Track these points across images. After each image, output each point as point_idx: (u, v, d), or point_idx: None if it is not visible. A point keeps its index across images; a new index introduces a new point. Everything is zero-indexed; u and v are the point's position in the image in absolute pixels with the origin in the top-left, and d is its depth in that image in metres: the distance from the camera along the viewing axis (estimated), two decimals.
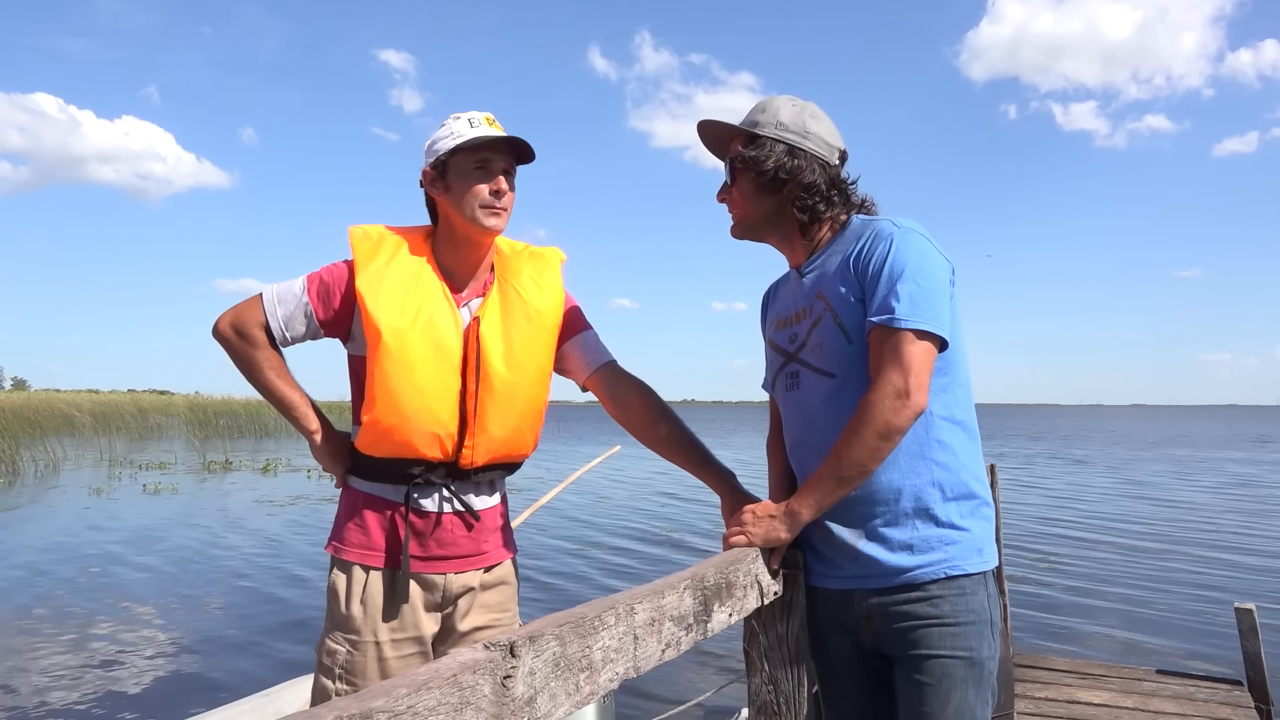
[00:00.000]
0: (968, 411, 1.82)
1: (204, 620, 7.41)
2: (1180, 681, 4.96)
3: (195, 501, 15.68)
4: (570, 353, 2.11)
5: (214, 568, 9.66)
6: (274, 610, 7.76)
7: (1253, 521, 13.83)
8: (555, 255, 2.14)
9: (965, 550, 1.74)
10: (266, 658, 6.38)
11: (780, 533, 1.76)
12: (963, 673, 1.70)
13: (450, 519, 1.99)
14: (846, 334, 1.75)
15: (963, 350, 1.79)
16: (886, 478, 1.73)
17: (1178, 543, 11.75)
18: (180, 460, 24.28)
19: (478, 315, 1.98)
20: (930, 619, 1.71)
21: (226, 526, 12.66)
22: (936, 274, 1.71)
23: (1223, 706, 4.57)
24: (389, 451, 1.93)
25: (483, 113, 1.98)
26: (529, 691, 1.09)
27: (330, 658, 1.93)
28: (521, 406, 2.00)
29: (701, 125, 1.91)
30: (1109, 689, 4.82)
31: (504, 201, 1.97)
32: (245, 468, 22.21)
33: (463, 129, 1.95)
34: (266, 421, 39.84)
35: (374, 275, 1.93)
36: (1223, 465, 26.46)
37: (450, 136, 1.95)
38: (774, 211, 1.85)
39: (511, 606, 2.10)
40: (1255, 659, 4.97)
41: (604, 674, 1.26)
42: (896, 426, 1.66)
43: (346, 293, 1.96)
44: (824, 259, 1.84)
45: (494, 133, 1.94)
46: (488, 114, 1.98)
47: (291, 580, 8.99)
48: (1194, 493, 18.47)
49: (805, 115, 1.83)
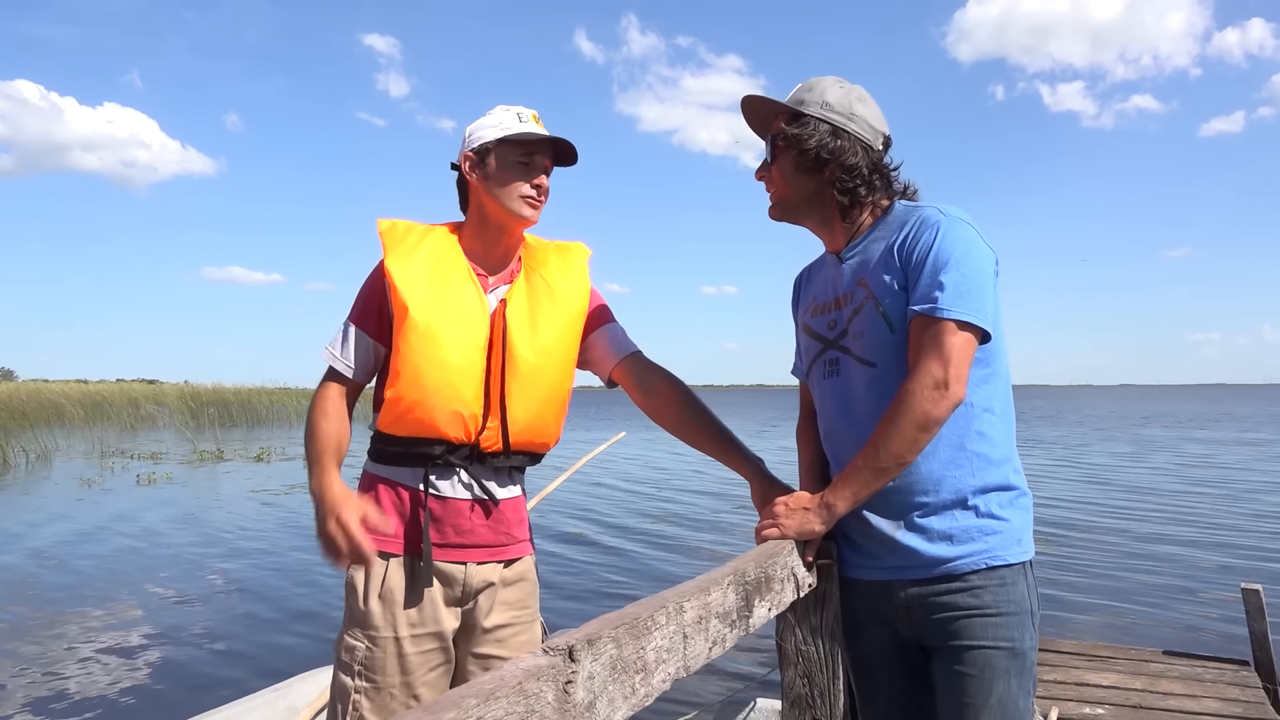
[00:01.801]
0: (1007, 403, 1.79)
1: (207, 613, 7.36)
2: (1187, 662, 4.97)
3: (190, 491, 15.60)
4: (596, 343, 2.11)
5: (213, 559, 9.59)
6: (278, 601, 7.70)
7: (1244, 504, 13.90)
8: (582, 250, 2.16)
9: (1006, 540, 1.72)
10: (274, 650, 6.34)
11: (815, 525, 1.73)
12: (1005, 663, 1.68)
13: (469, 505, 1.97)
14: (889, 323, 1.72)
15: (1003, 342, 1.76)
16: (927, 468, 1.71)
17: (1177, 523, 11.80)
18: (172, 450, 24.17)
19: (505, 299, 1.99)
20: (972, 609, 1.69)
21: (223, 516, 12.59)
22: (982, 264, 1.68)
23: (1230, 687, 4.57)
24: (410, 429, 1.91)
25: (530, 109, 2.01)
26: (589, 696, 1.06)
27: (349, 654, 1.91)
28: (545, 391, 1.99)
29: (746, 101, 1.88)
30: (1117, 670, 4.83)
31: (542, 197, 2.00)
32: (238, 456, 22.11)
33: (510, 122, 1.97)
34: (259, 410, 39.75)
35: (402, 255, 1.95)
36: (1219, 445, 26.60)
37: (497, 127, 1.97)
38: (814, 193, 1.82)
39: (532, 604, 2.07)
40: (1262, 639, 4.99)
41: (657, 675, 1.23)
42: (935, 417, 1.63)
43: (382, 292, 1.97)
44: (865, 245, 1.81)
45: (541, 131, 1.97)
46: (534, 111, 2.01)
47: (293, 571, 8.94)
48: (1192, 472, 18.57)
49: (852, 97, 1.80)
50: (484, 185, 1.98)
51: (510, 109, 2.01)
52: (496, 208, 1.98)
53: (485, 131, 1.98)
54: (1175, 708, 4.32)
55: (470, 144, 2.00)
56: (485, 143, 1.97)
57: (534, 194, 1.98)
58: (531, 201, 1.98)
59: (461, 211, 2.09)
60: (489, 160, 1.97)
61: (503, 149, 1.97)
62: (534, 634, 2.04)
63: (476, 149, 1.99)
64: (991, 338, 1.70)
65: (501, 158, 1.97)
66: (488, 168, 1.97)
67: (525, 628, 2.03)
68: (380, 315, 1.98)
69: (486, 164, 1.97)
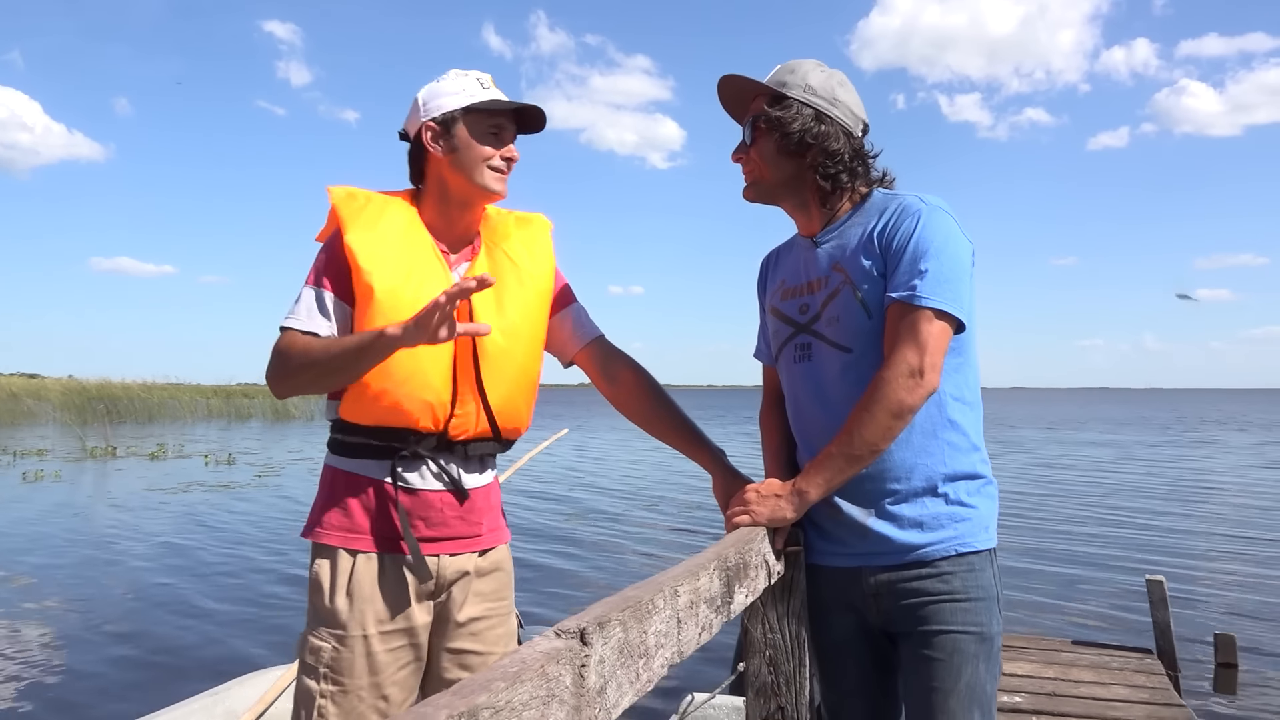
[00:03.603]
0: (976, 393, 1.82)
1: (117, 617, 6.98)
2: (1096, 651, 5.17)
3: (82, 489, 14.87)
4: (561, 325, 2.02)
5: (113, 559, 9.13)
6: (196, 606, 7.39)
7: (1150, 499, 14.56)
8: (544, 222, 2.06)
9: (974, 527, 1.74)
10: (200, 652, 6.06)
11: (786, 512, 1.72)
12: (974, 648, 1.70)
13: (439, 496, 1.86)
14: (867, 309, 1.72)
15: (975, 333, 1.78)
16: (900, 456, 1.72)
17: (1077, 520, 12.26)
18: (58, 446, 23.02)
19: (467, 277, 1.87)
20: (941, 595, 1.71)
21: (122, 515, 12.01)
22: (961, 255, 1.70)
23: (1137, 674, 4.77)
24: (376, 419, 1.79)
25: (486, 74, 1.90)
26: (600, 681, 1.02)
27: (314, 655, 1.78)
28: (515, 375, 1.89)
29: (725, 80, 1.84)
30: (1030, 660, 4.99)
31: (509, 168, 1.90)
32: (131, 454, 21.20)
33: (473, 89, 1.85)
34: (150, 405, 38.23)
35: (363, 231, 1.81)
36: (1117, 445, 27.81)
37: (460, 94, 1.85)
38: (793, 176, 1.80)
39: (508, 595, 1.99)
40: (1165, 628, 5.22)
41: (657, 660, 1.20)
42: (909, 405, 1.64)
43: (345, 262, 1.81)
44: (842, 230, 1.81)
45: (505, 98, 1.87)
46: (490, 75, 1.90)
47: (201, 572, 8.58)
48: (1092, 470, 19.37)
49: (834, 82, 1.79)
50: (449, 158, 1.85)
51: (468, 74, 1.88)
52: (462, 182, 1.86)
53: (447, 99, 1.85)
54: (1087, 695, 4.48)
55: (429, 112, 1.85)
56: (450, 111, 1.84)
57: (504, 166, 1.87)
58: (501, 175, 1.87)
59: (413, 183, 1.95)
60: (455, 130, 1.84)
61: (471, 119, 1.84)
62: (510, 626, 1.96)
63: (440, 118, 1.84)
64: (965, 328, 1.71)
65: (471, 127, 1.84)
66: (454, 138, 1.84)
67: (501, 620, 1.94)
68: (348, 285, 1.81)
69: (453, 134, 1.84)
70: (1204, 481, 17.43)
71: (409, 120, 1.91)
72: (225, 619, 6.86)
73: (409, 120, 1.91)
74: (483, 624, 1.90)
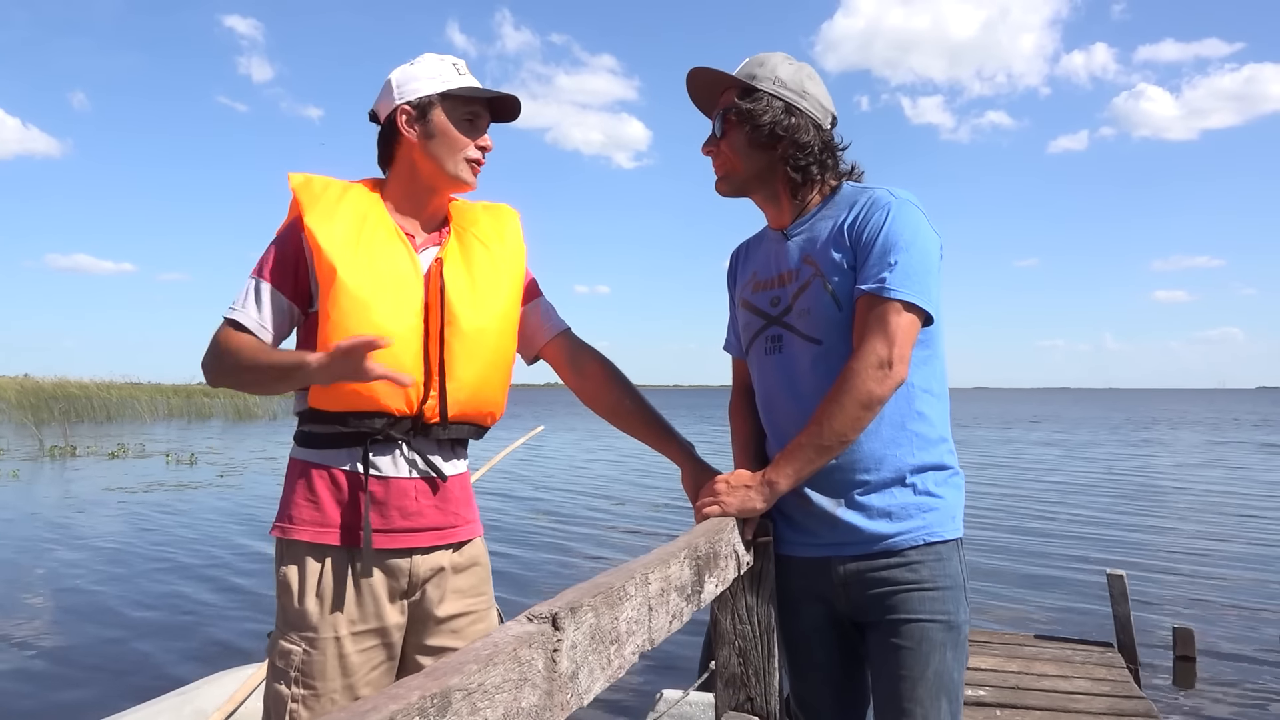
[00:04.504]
0: (943, 385, 1.84)
1: (82, 618, 6.86)
2: (1058, 645, 5.24)
3: (41, 489, 14.63)
4: (529, 317, 2.00)
5: (80, 560, 8.96)
6: (161, 604, 7.27)
7: (1106, 496, 14.78)
8: (511, 212, 2.03)
9: (942, 517, 1.76)
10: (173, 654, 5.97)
11: (756, 503, 1.73)
12: (941, 636, 1.71)
13: (413, 485, 1.81)
14: (837, 301, 1.74)
15: (942, 325, 1.79)
16: (869, 447, 1.73)
17: (1037, 516, 12.42)
18: (14, 446, 22.59)
19: (440, 258, 1.84)
20: (910, 584, 1.72)
21: (85, 514, 11.83)
22: (929, 248, 1.71)
23: (1098, 668, 4.85)
24: (346, 404, 1.74)
25: (461, 59, 1.87)
26: (572, 666, 1.02)
27: (284, 659, 1.74)
28: (490, 355, 1.85)
29: (694, 72, 1.84)
30: (993, 654, 5.05)
31: (483, 159, 1.88)
32: (91, 454, 20.84)
33: (449, 74, 1.82)
34: (108, 405, 37.60)
35: (323, 214, 1.77)
36: (1082, 442, 28.21)
37: (436, 79, 1.82)
38: (764, 168, 1.81)
39: (487, 590, 1.95)
40: (1125, 622, 5.30)
41: (628, 646, 1.20)
42: (879, 396, 1.66)
43: (299, 251, 1.78)
44: (812, 223, 1.82)
45: (480, 85, 1.84)
46: (464, 61, 1.87)
47: (176, 569, 8.48)
48: (1073, 468, 19.63)
49: (803, 75, 1.80)
50: (423, 144, 1.82)
51: (444, 59, 1.86)
52: (433, 169, 1.83)
53: (423, 84, 1.82)
54: (1050, 688, 4.54)
55: (404, 95, 1.82)
56: (426, 95, 1.81)
57: (479, 156, 1.86)
58: (475, 165, 1.86)
59: (381, 168, 1.92)
60: (432, 116, 1.81)
61: (447, 105, 1.82)
62: (491, 621, 1.92)
63: (416, 102, 1.81)
64: (934, 321, 1.73)
65: (447, 114, 1.82)
66: (430, 124, 1.81)
67: (481, 615, 1.90)
68: (298, 276, 1.79)
69: (429, 119, 1.81)
70: (1157, 479, 17.74)
71: (380, 101, 1.88)
72: (198, 616, 6.77)
73: (380, 101, 1.88)
74: (464, 620, 1.87)
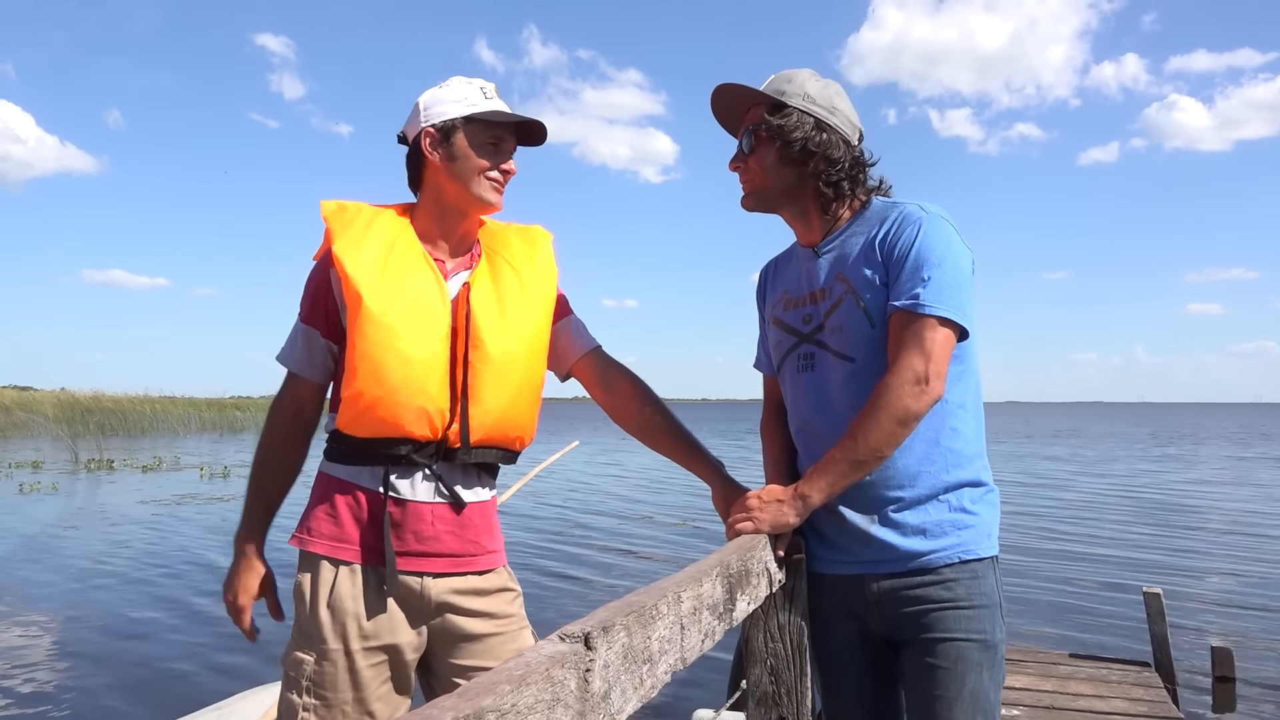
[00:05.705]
0: (978, 400, 1.82)
1: (120, 631, 6.92)
2: (1093, 664, 5.15)
3: (78, 501, 14.84)
4: (559, 335, 2.00)
5: (118, 573, 9.05)
6: (198, 619, 7.30)
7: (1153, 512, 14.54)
8: (544, 233, 2.04)
9: (978, 535, 1.74)
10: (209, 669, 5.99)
11: (789, 518, 1.71)
12: (978, 655, 1.69)
13: (430, 509, 1.81)
14: (870, 318, 1.72)
15: (976, 340, 1.77)
16: (903, 463, 1.71)
17: (1076, 536, 12.23)
18: (52, 459, 22.95)
19: (468, 283, 1.85)
20: (945, 602, 1.70)
21: (122, 527, 11.97)
22: (962, 263, 1.70)
23: (1135, 688, 4.76)
24: (372, 430, 1.76)
25: (490, 83, 1.89)
26: (604, 686, 1.01)
27: (296, 670, 1.76)
28: (518, 380, 1.85)
29: (720, 89, 1.83)
30: (1028, 673, 4.97)
31: (506, 181, 1.88)
32: (126, 466, 21.13)
33: (475, 98, 1.84)
34: (142, 419, 38.11)
35: (351, 240, 1.79)
36: (1115, 461, 27.79)
37: (462, 102, 1.83)
38: (794, 185, 1.80)
39: (517, 610, 1.93)
40: (1162, 641, 5.20)
41: (661, 666, 1.19)
42: (915, 412, 1.64)
43: (327, 284, 1.83)
44: (843, 240, 1.81)
45: (508, 109, 1.86)
46: (494, 84, 1.89)
47: (209, 584, 8.53)
48: (1088, 484, 19.34)
49: (831, 91, 1.80)
50: (447, 166, 1.83)
51: (472, 82, 1.87)
52: (459, 191, 1.84)
53: (449, 107, 1.83)
54: (1085, 708, 4.47)
55: (430, 118, 1.84)
56: (450, 119, 1.82)
57: (500, 179, 1.86)
58: (498, 186, 1.86)
59: (411, 190, 1.94)
60: (455, 139, 1.83)
61: (471, 128, 1.83)
62: (525, 641, 1.90)
63: (440, 125, 1.83)
64: (968, 335, 1.71)
65: (470, 137, 1.83)
66: (453, 147, 1.83)
67: (514, 635, 1.89)
68: (329, 310, 1.83)
69: (452, 143, 1.83)
70: (1193, 496, 17.43)
71: (409, 124, 1.90)
72: (234, 630, 6.80)
73: (409, 124, 1.90)
74: (495, 640, 1.86)
